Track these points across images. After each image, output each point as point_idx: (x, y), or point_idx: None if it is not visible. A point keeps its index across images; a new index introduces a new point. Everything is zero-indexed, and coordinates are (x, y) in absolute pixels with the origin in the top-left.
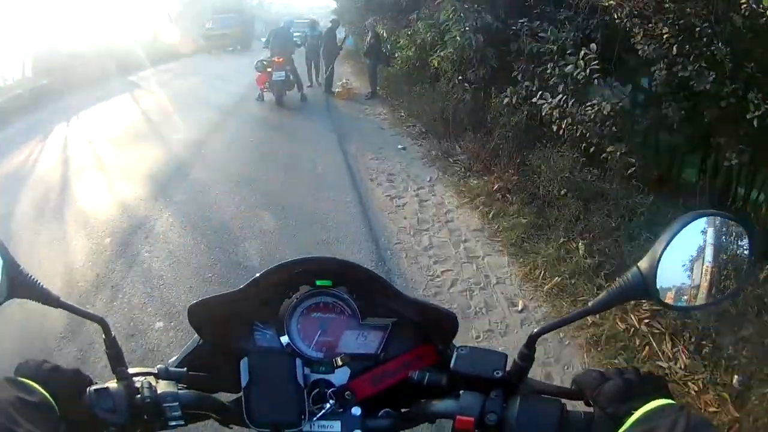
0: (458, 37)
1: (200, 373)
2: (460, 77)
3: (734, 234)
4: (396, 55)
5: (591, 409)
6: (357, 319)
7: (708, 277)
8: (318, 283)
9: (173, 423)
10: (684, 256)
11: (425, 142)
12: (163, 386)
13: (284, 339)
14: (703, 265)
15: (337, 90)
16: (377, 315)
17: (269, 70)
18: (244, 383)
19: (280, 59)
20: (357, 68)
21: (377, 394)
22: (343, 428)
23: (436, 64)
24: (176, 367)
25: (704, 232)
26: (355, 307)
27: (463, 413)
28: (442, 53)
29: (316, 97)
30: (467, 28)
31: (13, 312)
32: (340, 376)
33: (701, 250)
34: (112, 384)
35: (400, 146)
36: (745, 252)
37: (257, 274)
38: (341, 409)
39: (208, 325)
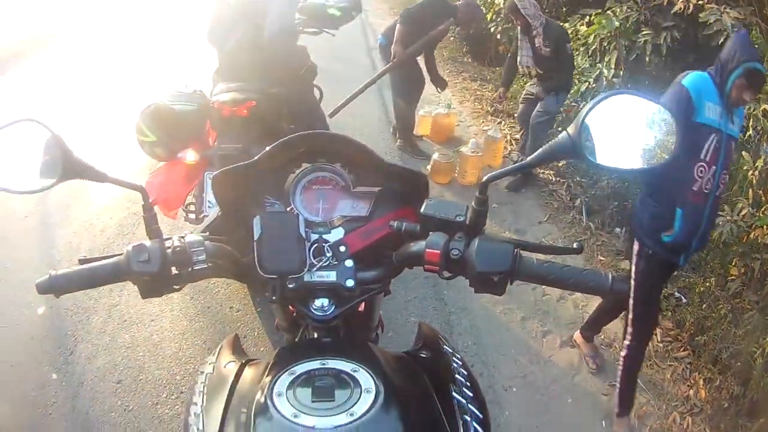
0: None
1: (220, 237)
2: None
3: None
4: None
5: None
6: (349, 189)
7: (633, 146)
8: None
9: (198, 267)
10: (610, 126)
11: None
12: (190, 238)
13: (290, 210)
14: (628, 135)
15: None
16: (367, 185)
17: (192, 160)
18: (256, 237)
19: (242, 106)
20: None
21: (367, 247)
22: (338, 278)
23: None
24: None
25: (628, 109)
26: (348, 179)
27: (431, 248)
28: None
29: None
30: None
31: None
32: (336, 234)
33: (626, 122)
34: (147, 241)
35: None
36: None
37: (267, 148)
38: (336, 262)
39: (228, 196)
